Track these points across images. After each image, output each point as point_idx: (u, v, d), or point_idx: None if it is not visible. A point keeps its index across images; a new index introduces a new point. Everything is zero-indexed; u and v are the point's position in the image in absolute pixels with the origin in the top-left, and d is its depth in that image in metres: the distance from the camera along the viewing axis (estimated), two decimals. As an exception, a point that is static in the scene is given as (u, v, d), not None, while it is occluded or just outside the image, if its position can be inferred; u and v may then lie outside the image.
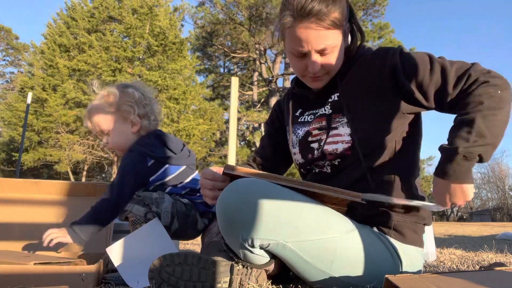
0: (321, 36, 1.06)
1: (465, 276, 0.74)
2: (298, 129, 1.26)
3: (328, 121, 1.16)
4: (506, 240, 4.59)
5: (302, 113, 1.29)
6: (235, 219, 0.95)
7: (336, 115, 1.15)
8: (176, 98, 16.32)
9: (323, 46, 1.08)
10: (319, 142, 1.17)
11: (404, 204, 1.08)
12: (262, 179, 0.98)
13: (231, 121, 3.47)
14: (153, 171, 1.52)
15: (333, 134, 1.14)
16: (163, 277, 0.99)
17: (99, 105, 1.55)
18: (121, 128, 1.55)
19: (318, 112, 1.22)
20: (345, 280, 1.01)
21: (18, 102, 16.48)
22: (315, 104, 1.25)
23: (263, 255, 1.01)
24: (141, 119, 1.57)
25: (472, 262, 2.00)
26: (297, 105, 1.31)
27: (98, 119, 1.54)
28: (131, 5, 16.21)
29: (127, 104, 1.54)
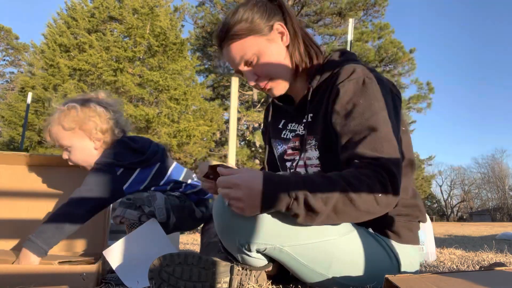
0: (237, 50, 1.08)
1: (465, 276, 0.74)
2: (279, 144, 1.26)
3: (301, 142, 1.15)
4: (506, 240, 4.59)
5: (285, 125, 1.26)
6: (231, 225, 0.95)
7: (309, 136, 1.12)
8: (177, 98, 16.32)
9: (246, 58, 1.09)
10: (292, 162, 1.18)
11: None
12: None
13: (231, 121, 3.48)
14: (124, 179, 1.47)
15: (304, 157, 1.13)
16: (163, 277, 0.99)
17: (58, 120, 1.43)
18: (82, 145, 1.45)
19: (296, 130, 1.20)
20: (344, 281, 1.01)
21: (18, 102, 16.48)
22: (297, 117, 1.21)
23: (261, 258, 1.02)
24: (104, 134, 1.47)
25: (472, 262, 2.00)
26: (280, 116, 1.29)
27: (56, 134, 1.44)
28: (131, 5, 16.21)
29: (89, 120, 1.44)
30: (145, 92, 15.97)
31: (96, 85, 15.76)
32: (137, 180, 1.49)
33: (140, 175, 1.50)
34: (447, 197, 49.20)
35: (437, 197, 48.36)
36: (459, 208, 49.85)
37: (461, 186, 50.12)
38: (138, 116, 15.26)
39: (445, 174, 48.70)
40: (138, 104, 16.35)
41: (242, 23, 1.06)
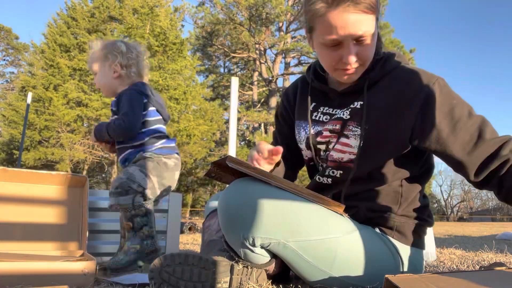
0: (359, 21, 0.95)
1: (465, 276, 0.74)
2: (312, 126, 1.20)
3: (342, 126, 1.11)
4: (506, 240, 4.58)
5: (316, 108, 1.21)
6: (236, 218, 0.95)
7: (352, 122, 1.09)
8: (177, 98, 16.33)
9: (361, 33, 0.97)
10: (327, 145, 1.14)
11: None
12: (257, 176, 0.97)
13: (231, 121, 3.47)
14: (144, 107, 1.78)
15: (342, 142, 1.10)
16: (163, 277, 0.99)
17: (95, 51, 1.81)
18: (105, 71, 1.78)
19: (335, 114, 1.15)
20: (346, 280, 1.01)
21: (19, 101, 16.49)
22: (333, 103, 1.17)
23: (264, 255, 1.01)
24: (121, 68, 1.78)
25: (472, 262, 2.00)
26: (312, 99, 1.23)
27: (91, 60, 1.82)
28: (131, 5, 16.22)
29: (112, 53, 1.77)
30: (145, 92, 15.96)
31: (96, 85, 15.77)
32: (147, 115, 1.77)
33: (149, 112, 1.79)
34: (447, 197, 49.25)
35: (437, 197, 48.39)
36: (459, 208, 49.87)
37: (461, 186, 50.14)
38: (138, 116, 15.24)
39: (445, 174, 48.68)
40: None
41: None
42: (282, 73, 21.61)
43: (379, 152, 1.07)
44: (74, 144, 15.53)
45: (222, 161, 0.98)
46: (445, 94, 1.03)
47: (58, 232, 1.66)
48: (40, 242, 1.61)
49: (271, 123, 19.43)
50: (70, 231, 1.68)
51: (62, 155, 15.41)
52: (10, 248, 1.56)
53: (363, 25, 0.97)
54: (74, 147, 15.56)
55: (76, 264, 1.19)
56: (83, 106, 15.45)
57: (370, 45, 1.02)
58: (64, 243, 1.65)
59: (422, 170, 1.14)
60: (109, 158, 17.50)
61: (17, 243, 1.58)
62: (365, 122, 1.06)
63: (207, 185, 27.48)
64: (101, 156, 17.58)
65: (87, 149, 16.13)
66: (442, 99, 1.02)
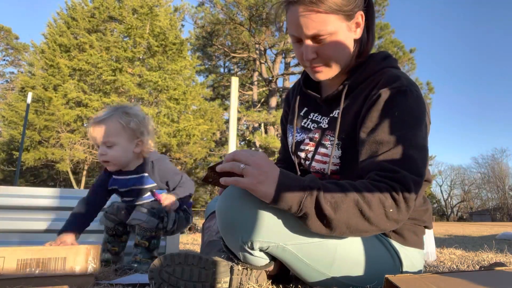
0: (313, 20, 0.96)
1: (465, 276, 0.74)
2: (299, 133, 1.22)
3: (321, 135, 1.11)
4: (506, 240, 4.59)
5: (307, 114, 1.22)
6: (234, 222, 0.95)
7: (330, 132, 1.09)
8: (176, 98, 16.32)
9: (315, 32, 0.98)
10: (306, 153, 1.15)
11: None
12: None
13: (231, 121, 3.48)
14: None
15: (321, 152, 1.10)
16: (163, 277, 0.99)
17: (113, 117, 1.58)
18: (127, 144, 1.61)
19: (320, 123, 1.15)
20: (345, 281, 1.01)
21: (19, 101, 16.48)
22: (321, 109, 1.17)
23: (263, 257, 1.01)
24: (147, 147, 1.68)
25: (472, 262, 2.00)
26: (303, 104, 1.24)
27: (108, 129, 1.57)
28: (131, 5, 16.22)
29: (140, 130, 1.63)
30: (144, 92, 15.98)
31: (96, 85, 15.78)
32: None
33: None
34: (447, 197, 49.24)
35: (437, 197, 48.34)
36: (459, 208, 49.86)
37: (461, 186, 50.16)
38: (138, 116, 15.24)
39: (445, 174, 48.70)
40: (137, 104, 16.34)
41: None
42: (282, 73, 21.60)
43: (356, 160, 1.02)
44: (74, 144, 15.52)
45: (213, 167, 0.97)
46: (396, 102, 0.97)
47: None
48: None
49: (271, 123, 19.43)
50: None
51: (62, 155, 15.41)
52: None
53: (319, 24, 0.97)
54: (74, 147, 15.56)
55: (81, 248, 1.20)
56: (83, 106, 15.45)
57: (333, 45, 1.01)
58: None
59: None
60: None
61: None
62: (340, 131, 1.05)
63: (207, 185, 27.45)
64: (101, 156, 17.53)
65: (87, 149, 16.11)
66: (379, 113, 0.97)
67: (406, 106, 0.97)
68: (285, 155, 1.38)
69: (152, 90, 16.24)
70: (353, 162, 1.03)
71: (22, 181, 18.99)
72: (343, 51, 1.04)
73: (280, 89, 21.42)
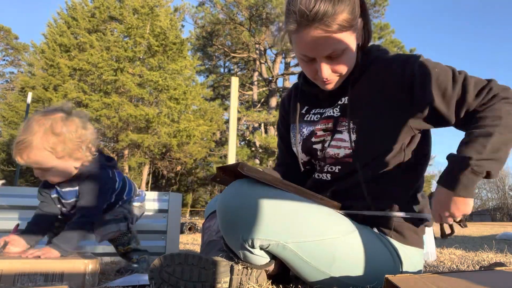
0: (328, 42, 0.99)
1: (465, 276, 0.74)
2: (303, 128, 1.23)
3: (334, 124, 1.13)
4: (506, 240, 4.58)
5: (308, 110, 1.25)
6: (235, 220, 0.95)
7: (343, 118, 1.11)
8: (177, 98, 16.33)
9: (331, 51, 1.01)
10: (323, 144, 1.16)
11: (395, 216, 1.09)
12: (272, 184, 0.99)
13: (231, 121, 3.48)
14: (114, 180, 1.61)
15: (337, 138, 1.12)
16: (163, 277, 0.99)
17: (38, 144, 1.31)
18: (64, 164, 1.39)
19: (325, 113, 1.18)
20: (345, 280, 1.01)
21: (19, 101, 16.49)
22: (323, 103, 1.20)
23: (263, 256, 1.01)
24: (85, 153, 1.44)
25: (472, 262, 2.00)
26: (304, 102, 1.27)
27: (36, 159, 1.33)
28: (132, 5, 16.22)
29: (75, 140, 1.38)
30: (145, 92, 15.98)
31: (96, 85, 15.78)
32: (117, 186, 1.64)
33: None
34: (447, 197, 49.07)
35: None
36: (459, 208, 49.71)
37: (461, 186, 49.96)
38: (138, 116, 15.27)
39: (445, 174, 48.49)
40: (138, 104, 16.36)
41: (347, 15, 0.98)
42: (282, 73, 21.61)
43: (375, 143, 1.07)
44: (74, 144, 15.52)
45: (230, 167, 0.98)
46: (425, 67, 1.05)
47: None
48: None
49: (271, 123, 19.43)
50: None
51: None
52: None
53: (333, 44, 1.00)
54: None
55: (79, 262, 1.19)
56: (83, 107, 15.45)
57: (345, 59, 1.05)
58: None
59: (418, 160, 1.14)
60: (109, 158, 17.49)
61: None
62: (353, 116, 1.09)
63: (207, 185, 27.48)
64: (101, 156, 17.54)
65: (87, 149, 16.10)
66: (424, 72, 1.04)
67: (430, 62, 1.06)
68: (284, 159, 1.39)
69: (153, 90, 16.24)
70: (368, 143, 1.07)
71: (22, 181, 18.98)
72: (352, 60, 1.09)
73: (280, 89, 21.42)
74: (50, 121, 1.33)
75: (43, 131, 1.31)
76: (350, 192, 1.11)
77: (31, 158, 1.32)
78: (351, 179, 1.11)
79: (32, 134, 1.30)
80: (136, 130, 16.20)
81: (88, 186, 1.46)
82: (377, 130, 1.07)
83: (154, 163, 20.14)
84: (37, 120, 1.33)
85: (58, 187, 1.51)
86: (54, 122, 1.33)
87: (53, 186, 1.52)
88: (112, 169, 1.59)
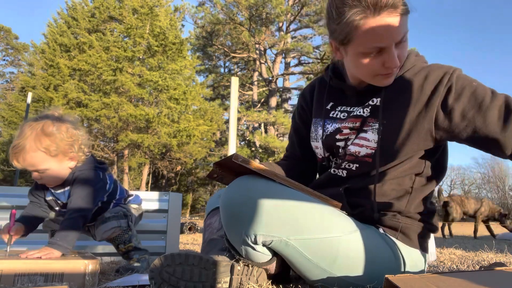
0: (399, 24, 0.96)
1: (465, 276, 0.74)
2: (328, 123, 1.21)
3: (362, 123, 1.12)
4: (506, 240, 4.59)
5: (334, 107, 1.23)
6: (238, 215, 0.95)
7: (372, 119, 1.10)
8: (177, 98, 16.31)
9: (402, 35, 0.98)
10: (346, 141, 1.15)
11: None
12: (263, 173, 0.98)
13: (231, 121, 3.47)
14: (105, 181, 1.63)
15: (361, 136, 1.11)
16: (164, 277, 0.99)
17: (32, 146, 1.37)
18: (59, 165, 1.45)
19: (353, 112, 1.16)
20: (347, 279, 1.01)
21: (19, 101, 16.49)
22: (351, 101, 1.19)
23: (265, 253, 1.01)
24: (78, 153, 1.49)
25: (472, 262, 2.00)
26: (330, 98, 1.25)
27: (31, 160, 1.39)
28: (131, 5, 16.21)
29: (67, 141, 1.44)
30: (144, 92, 15.97)
31: (96, 85, 15.78)
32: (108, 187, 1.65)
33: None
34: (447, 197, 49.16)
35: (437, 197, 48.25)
36: (459, 208, 49.81)
37: (461, 186, 50.09)
38: (138, 116, 15.26)
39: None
40: (138, 104, 16.35)
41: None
42: (282, 73, 21.59)
43: (398, 147, 1.07)
44: (74, 144, 15.51)
45: (225, 161, 0.99)
46: (463, 79, 1.04)
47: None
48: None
49: (271, 123, 19.41)
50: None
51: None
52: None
53: (403, 27, 0.98)
54: (74, 147, 15.55)
55: (79, 262, 1.19)
56: (83, 107, 15.45)
57: (406, 45, 1.03)
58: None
59: (435, 171, 1.14)
60: (109, 158, 17.50)
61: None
62: (383, 117, 1.08)
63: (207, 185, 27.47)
64: (101, 156, 17.56)
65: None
66: (462, 84, 1.03)
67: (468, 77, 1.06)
68: (293, 152, 1.40)
69: (152, 90, 16.23)
70: (391, 146, 1.06)
71: (22, 181, 18.98)
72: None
73: (280, 89, 21.42)
74: (41, 124, 1.40)
75: (35, 134, 1.38)
76: (362, 192, 1.12)
77: (27, 160, 1.38)
78: (366, 179, 1.11)
79: (25, 138, 1.37)
80: (136, 130, 16.20)
81: (80, 182, 1.49)
82: (403, 135, 1.06)
83: (154, 163, 20.14)
84: (29, 125, 1.40)
85: (53, 189, 1.53)
86: (45, 124, 1.40)
87: (47, 188, 1.54)
88: (103, 171, 1.61)
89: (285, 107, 21.35)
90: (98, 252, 2.14)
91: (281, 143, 17.48)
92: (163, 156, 19.22)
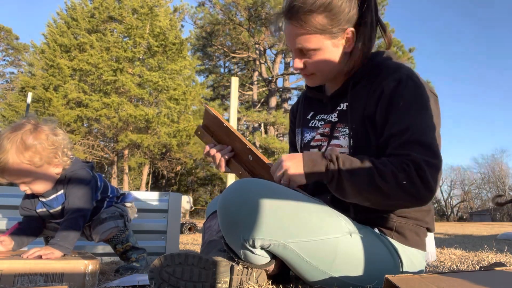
0: (299, 37, 1.07)
1: (465, 276, 0.74)
2: (307, 133, 1.26)
3: (331, 129, 1.16)
4: (506, 240, 4.59)
5: (314, 116, 1.27)
6: (236, 219, 0.95)
7: (340, 124, 1.13)
8: (176, 98, 16.33)
9: (300, 47, 1.09)
10: (319, 148, 1.18)
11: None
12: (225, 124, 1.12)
13: (231, 121, 3.47)
14: (96, 178, 1.63)
15: (333, 143, 1.13)
16: (163, 277, 0.99)
17: (14, 159, 1.32)
18: (45, 174, 1.43)
19: (327, 118, 1.20)
20: (346, 280, 1.01)
21: (19, 101, 16.49)
22: (327, 109, 1.22)
23: (264, 255, 1.01)
24: (63, 158, 1.46)
25: (472, 262, 2.00)
26: (309, 108, 1.30)
27: (16, 173, 1.35)
28: (131, 6, 16.22)
29: (50, 148, 1.40)
30: (144, 92, 15.98)
31: (96, 85, 15.79)
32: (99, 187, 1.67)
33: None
34: (447, 197, 49.21)
35: (437, 197, 48.33)
36: (459, 208, 49.84)
37: (461, 186, 50.17)
38: (138, 116, 15.27)
39: (445, 174, 48.60)
40: (138, 104, 16.36)
41: (324, 20, 1.05)
42: (282, 73, 21.60)
43: (369, 149, 1.08)
44: (74, 144, 15.52)
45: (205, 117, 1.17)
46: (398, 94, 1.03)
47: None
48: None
49: (271, 123, 19.43)
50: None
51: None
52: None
53: (302, 41, 1.08)
54: (74, 147, 15.56)
55: (79, 263, 1.19)
56: (83, 107, 15.46)
57: (316, 60, 1.10)
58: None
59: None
60: (109, 158, 17.51)
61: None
62: (351, 122, 1.10)
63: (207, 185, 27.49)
64: (101, 156, 17.57)
65: (87, 149, 16.13)
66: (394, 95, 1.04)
67: (410, 95, 1.03)
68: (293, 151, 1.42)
69: (152, 90, 16.24)
70: (362, 150, 1.07)
71: (22, 181, 18.98)
72: (328, 64, 1.13)
73: (280, 89, 21.43)
74: (19, 136, 1.34)
75: (16, 148, 1.32)
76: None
77: (12, 174, 1.35)
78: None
79: (6, 153, 1.31)
80: (136, 130, 16.21)
81: (74, 183, 1.49)
82: (371, 137, 1.08)
83: (154, 163, 20.16)
84: (7, 138, 1.33)
85: (43, 199, 1.50)
86: (24, 135, 1.34)
87: (37, 199, 1.52)
88: (91, 169, 1.61)
89: (285, 107, 21.36)
90: (98, 252, 2.14)
91: (281, 144, 17.49)
92: (163, 156, 19.23)
